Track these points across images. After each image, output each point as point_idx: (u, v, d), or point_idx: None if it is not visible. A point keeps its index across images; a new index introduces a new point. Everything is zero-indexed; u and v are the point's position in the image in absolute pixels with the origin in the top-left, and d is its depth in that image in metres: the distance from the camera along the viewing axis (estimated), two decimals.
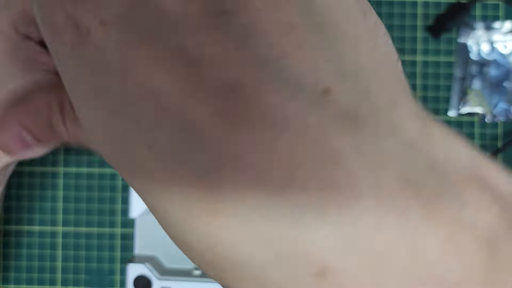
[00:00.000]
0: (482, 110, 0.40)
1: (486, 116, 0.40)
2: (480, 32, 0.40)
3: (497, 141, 0.40)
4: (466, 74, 0.40)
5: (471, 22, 0.40)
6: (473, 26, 0.40)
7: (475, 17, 0.40)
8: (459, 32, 0.40)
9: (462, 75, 0.40)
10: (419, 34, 0.40)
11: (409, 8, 0.40)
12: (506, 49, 0.40)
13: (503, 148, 0.38)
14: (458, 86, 0.40)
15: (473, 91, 0.40)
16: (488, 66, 0.40)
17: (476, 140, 0.40)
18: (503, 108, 0.40)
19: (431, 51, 0.40)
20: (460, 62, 0.40)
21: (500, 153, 0.38)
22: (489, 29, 0.40)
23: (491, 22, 0.40)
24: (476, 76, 0.40)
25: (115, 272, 0.39)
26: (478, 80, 0.40)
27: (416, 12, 0.40)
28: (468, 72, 0.40)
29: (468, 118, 0.40)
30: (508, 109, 0.40)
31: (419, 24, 0.40)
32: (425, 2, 0.40)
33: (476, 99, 0.40)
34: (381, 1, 0.40)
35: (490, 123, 0.40)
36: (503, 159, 0.40)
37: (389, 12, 0.40)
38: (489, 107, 0.40)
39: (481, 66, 0.40)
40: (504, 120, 0.40)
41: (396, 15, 0.40)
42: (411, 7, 0.40)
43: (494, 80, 0.40)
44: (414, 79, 0.40)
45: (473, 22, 0.40)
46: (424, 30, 0.40)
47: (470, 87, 0.40)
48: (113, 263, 0.39)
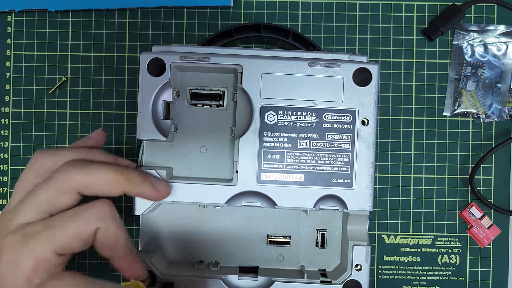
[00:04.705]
0: (476, 110, 0.41)
1: (480, 116, 0.41)
2: (475, 34, 0.41)
3: (491, 140, 0.41)
4: (461, 75, 0.41)
5: (465, 24, 0.41)
6: (467, 28, 0.41)
7: (470, 19, 0.41)
8: (454, 34, 0.41)
9: (457, 76, 0.41)
10: (415, 36, 0.41)
11: (406, 10, 0.41)
12: (500, 51, 0.41)
13: (496, 147, 0.39)
14: (453, 87, 0.41)
15: (468, 92, 0.41)
16: (482, 68, 0.40)
17: (470, 140, 0.41)
18: (496, 109, 0.41)
19: (426, 52, 0.41)
20: (455, 64, 0.41)
21: (493, 152, 0.39)
22: (484, 31, 0.41)
23: (486, 24, 0.41)
24: (471, 77, 0.41)
25: None
26: (472, 81, 0.41)
27: (413, 14, 0.41)
28: (463, 74, 0.41)
29: (462, 118, 0.41)
30: (502, 110, 0.41)
31: (416, 26, 0.41)
32: (421, 4, 0.41)
33: (470, 100, 0.41)
34: (378, 3, 0.41)
35: (484, 123, 0.41)
36: (496, 158, 0.41)
37: (386, 15, 0.41)
38: (483, 107, 0.41)
39: (475, 68, 0.40)
40: (498, 120, 0.41)
41: (393, 17, 0.41)
42: (408, 10, 0.41)
43: (488, 81, 0.41)
44: (411, 80, 0.41)
45: (468, 25, 0.41)
46: (420, 32, 0.41)
47: (464, 88, 0.41)
48: None
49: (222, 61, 0.31)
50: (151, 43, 0.40)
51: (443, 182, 0.41)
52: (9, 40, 0.40)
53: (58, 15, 0.40)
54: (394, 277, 0.41)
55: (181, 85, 0.32)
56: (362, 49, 0.41)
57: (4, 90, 0.40)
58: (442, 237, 0.40)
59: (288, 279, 0.31)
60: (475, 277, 0.41)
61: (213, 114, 0.33)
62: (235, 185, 0.31)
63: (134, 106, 0.40)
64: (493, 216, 0.41)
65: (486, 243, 0.40)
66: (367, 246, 0.31)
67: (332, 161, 0.31)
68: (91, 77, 0.40)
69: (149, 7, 0.40)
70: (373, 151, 0.31)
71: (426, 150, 0.41)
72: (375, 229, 0.40)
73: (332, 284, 0.31)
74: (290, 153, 0.31)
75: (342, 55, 0.32)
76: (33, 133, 0.40)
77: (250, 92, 0.31)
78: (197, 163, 0.32)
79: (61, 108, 0.40)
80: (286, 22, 0.41)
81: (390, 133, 0.41)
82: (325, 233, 0.33)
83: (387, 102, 0.41)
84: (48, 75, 0.40)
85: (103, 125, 0.40)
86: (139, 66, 0.30)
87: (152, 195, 0.29)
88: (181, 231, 0.33)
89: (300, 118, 0.31)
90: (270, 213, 0.34)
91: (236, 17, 0.41)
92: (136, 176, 0.28)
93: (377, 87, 0.31)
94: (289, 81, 0.31)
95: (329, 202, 0.31)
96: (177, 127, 0.32)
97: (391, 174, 0.40)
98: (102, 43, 0.40)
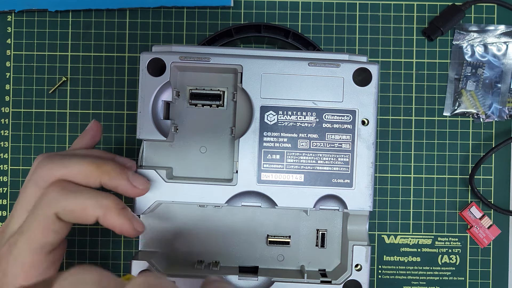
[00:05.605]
0: (476, 110, 0.41)
1: (480, 116, 0.41)
2: (475, 34, 0.41)
3: (491, 140, 0.41)
4: (461, 75, 0.41)
5: (465, 24, 0.41)
6: (467, 28, 0.41)
7: (470, 19, 0.41)
8: (454, 34, 0.41)
9: (456, 76, 0.41)
10: (415, 36, 0.41)
11: (406, 10, 0.41)
12: (500, 51, 0.41)
13: (496, 147, 0.39)
14: (453, 87, 0.41)
15: (468, 92, 0.41)
16: (482, 68, 0.40)
17: (470, 140, 0.41)
18: (496, 109, 0.41)
19: (426, 52, 0.41)
20: (455, 64, 0.41)
21: (493, 152, 0.39)
22: (484, 31, 0.41)
23: (486, 24, 0.41)
24: (471, 77, 0.41)
25: (119, 268, 0.40)
26: (472, 81, 0.41)
27: (413, 14, 0.41)
28: (463, 74, 0.41)
29: (462, 118, 0.41)
30: (502, 110, 0.41)
31: (416, 26, 0.41)
32: (422, 4, 0.41)
33: (470, 100, 0.41)
34: (378, 3, 0.41)
35: (484, 123, 0.41)
36: (496, 158, 0.41)
37: (386, 15, 0.41)
38: (483, 107, 0.41)
39: (475, 68, 0.41)
40: (498, 120, 0.41)
41: (393, 17, 0.41)
42: (408, 10, 0.41)
43: (488, 81, 0.41)
44: (411, 80, 0.41)
45: (468, 25, 0.41)
46: (420, 32, 0.41)
47: (464, 88, 0.41)
48: (117, 260, 0.40)
49: (222, 61, 0.31)
50: (151, 43, 0.40)
51: (443, 182, 0.41)
52: (9, 40, 0.40)
53: (58, 15, 0.40)
54: (394, 277, 0.41)
55: (181, 85, 0.32)
56: (362, 49, 0.41)
57: (4, 90, 0.40)
58: (442, 237, 0.40)
59: (288, 279, 0.31)
60: (475, 277, 0.41)
61: (213, 114, 0.33)
62: (235, 185, 0.31)
63: (134, 106, 0.40)
64: (493, 216, 0.41)
65: (486, 243, 0.40)
66: (367, 246, 0.31)
67: (332, 161, 0.31)
68: (91, 77, 0.40)
69: (149, 7, 0.40)
70: (373, 151, 0.31)
71: (426, 150, 0.41)
72: (375, 229, 0.40)
73: (332, 284, 0.31)
74: (290, 153, 0.31)
75: (342, 55, 0.32)
76: (33, 133, 0.40)
77: (250, 92, 0.31)
78: (197, 163, 0.32)
79: (61, 108, 0.40)
80: (286, 22, 0.41)
81: (390, 133, 0.41)
82: (325, 233, 0.33)
83: (387, 102, 0.41)
84: (48, 75, 0.40)
85: (103, 125, 0.40)
86: (139, 66, 0.30)
87: (128, 189, 0.29)
88: (181, 231, 0.33)
89: (300, 118, 0.31)
90: (270, 213, 0.34)
91: (236, 17, 0.41)
92: (112, 169, 0.28)
93: (377, 87, 0.31)
94: (289, 81, 0.31)
95: (329, 202, 0.31)
96: (177, 127, 0.32)
97: (391, 174, 0.40)
98: (102, 43, 0.40)
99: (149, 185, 0.30)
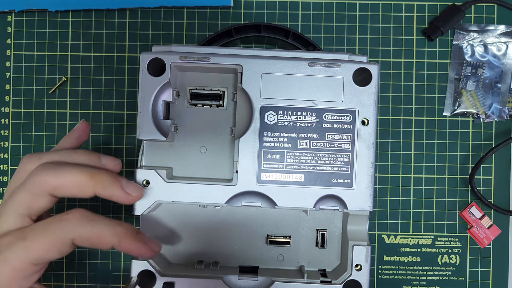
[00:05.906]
0: (476, 110, 0.41)
1: (480, 116, 0.41)
2: (475, 34, 0.41)
3: (491, 140, 0.41)
4: (461, 75, 0.41)
5: (465, 24, 0.41)
6: (467, 28, 0.41)
7: (470, 19, 0.41)
8: (454, 34, 0.41)
9: (456, 76, 0.41)
10: (415, 36, 0.41)
11: (406, 10, 0.41)
12: (500, 51, 0.41)
13: (496, 147, 0.39)
14: (453, 87, 0.41)
15: (468, 92, 0.41)
16: (482, 68, 0.40)
17: (470, 140, 0.41)
18: (496, 109, 0.41)
19: (426, 52, 0.41)
20: (455, 64, 0.41)
21: (493, 152, 0.39)
22: (484, 31, 0.41)
23: (486, 24, 0.41)
24: (471, 77, 0.41)
25: (119, 268, 0.40)
26: (472, 81, 0.41)
27: (413, 14, 0.41)
28: (463, 74, 0.41)
29: (462, 118, 0.41)
30: (502, 110, 0.41)
31: (416, 26, 0.41)
32: (421, 4, 0.41)
33: (470, 100, 0.41)
34: (378, 3, 0.41)
35: (484, 123, 0.41)
36: (496, 158, 0.41)
37: (386, 15, 0.41)
38: (483, 107, 0.41)
39: (475, 68, 0.41)
40: (498, 120, 0.41)
41: (393, 17, 0.41)
42: (408, 10, 0.41)
43: (488, 81, 0.41)
44: (411, 80, 0.41)
45: (468, 25, 0.41)
46: (420, 32, 0.41)
47: (464, 88, 0.41)
48: (117, 260, 0.40)
49: (222, 61, 0.31)
50: (151, 43, 0.40)
51: (443, 182, 0.41)
52: (9, 40, 0.40)
53: (58, 15, 0.40)
54: (394, 277, 0.41)
55: (181, 85, 0.32)
56: (362, 49, 0.41)
57: (4, 90, 0.40)
58: (442, 237, 0.40)
59: (288, 279, 0.31)
60: (475, 277, 0.41)
61: (213, 114, 0.33)
62: (235, 185, 0.31)
63: (134, 106, 0.40)
64: (493, 216, 0.41)
65: (486, 243, 0.40)
66: (367, 246, 0.31)
67: (332, 161, 0.31)
68: (91, 77, 0.40)
69: (149, 7, 0.40)
70: (373, 151, 0.31)
71: (426, 150, 0.41)
72: (375, 229, 0.40)
73: (332, 284, 0.31)
74: (290, 153, 0.31)
75: (342, 55, 0.32)
76: (33, 133, 0.40)
77: (250, 92, 0.31)
78: (197, 163, 0.32)
79: (61, 108, 0.40)
80: (286, 22, 0.41)
81: (390, 133, 0.41)
82: (325, 233, 0.33)
83: (387, 102, 0.41)
84: (48, 75, 0.40)
85: (103, 125, 0.40)
86: (139, 66, 0.30)
87: (122, 198, 0.29)
88: (181, 231, 0.33)
89: (300, 118, 0.31)
90: (270, 213, 0.34)
91: (236, 17, 0.41)
92: (106, 178, 0.28)
93: (377, 87, 0.31)
94: (289, 81, 0.31)
95: (329, 202, 0.31)
96: (177, 127, 0.32)
97: (391, 174, 0.40)
98: (102, 43, 0.40)
99: (142, 191, 0.30)
